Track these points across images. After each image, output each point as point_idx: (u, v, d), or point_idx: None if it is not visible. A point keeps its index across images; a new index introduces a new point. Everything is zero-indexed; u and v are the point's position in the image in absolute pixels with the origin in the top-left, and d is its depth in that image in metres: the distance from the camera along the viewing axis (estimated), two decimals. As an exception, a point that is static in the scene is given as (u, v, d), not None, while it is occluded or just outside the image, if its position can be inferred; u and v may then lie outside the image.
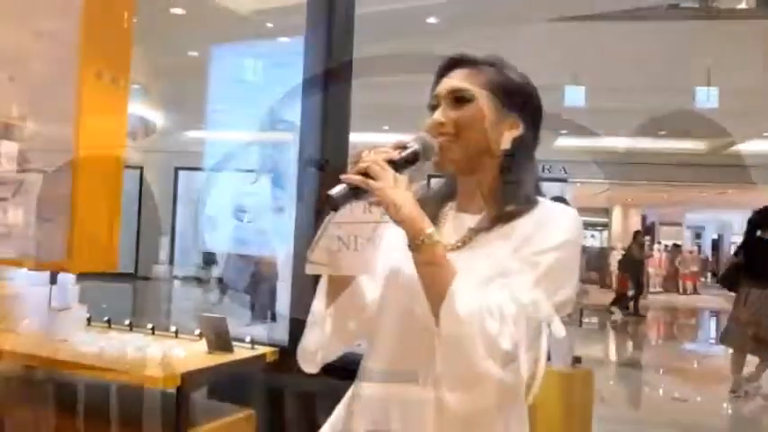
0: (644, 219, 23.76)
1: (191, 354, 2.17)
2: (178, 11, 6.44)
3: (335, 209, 1.02)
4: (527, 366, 0.97)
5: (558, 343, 4.44)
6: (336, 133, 2.51)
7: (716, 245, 25.04)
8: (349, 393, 1.22)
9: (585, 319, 10.65)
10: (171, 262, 9.95)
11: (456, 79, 1.14)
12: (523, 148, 1.14)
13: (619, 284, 13.80)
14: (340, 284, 1.14)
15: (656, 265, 19.63)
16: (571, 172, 14.95)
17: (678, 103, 9.39)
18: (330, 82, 2.46)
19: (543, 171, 14.85)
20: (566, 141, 13.61)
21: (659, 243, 21.73)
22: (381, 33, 6.67)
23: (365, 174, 1.00)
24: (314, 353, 1.15)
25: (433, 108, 1.15)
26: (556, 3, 6.00)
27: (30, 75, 1.76)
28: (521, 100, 1.14)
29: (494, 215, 1.10)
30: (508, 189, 1.11)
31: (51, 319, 2.28)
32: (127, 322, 2.52)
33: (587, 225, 24.10)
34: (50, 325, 2.28)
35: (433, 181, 1.29)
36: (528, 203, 1.10)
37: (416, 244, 0.99)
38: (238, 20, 6.12)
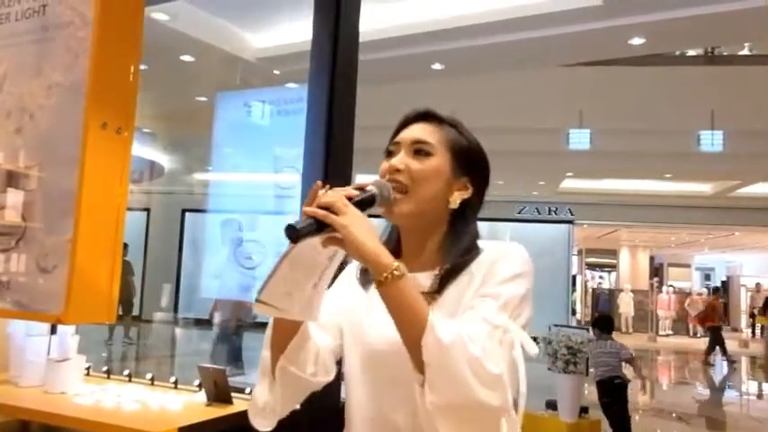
0: (652, 260, 23.62)
1: (188, 406, 2.13)
2: (188, 58, 6.57)
3: (295, 241, 0.97)
4: (510, 389, 0.95)
5: (564, 393, 4.37)
6: (339, 177, 2.51)
7: (725, 286, 24.78)
8: None
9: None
10: (176, 306, 9.88)
11: (419, 131, 1.16)
12: (470, 210, 1.17)
13: None
14: (286, 331, 1.10)
15: (665, 308, 19.41)
16: (577, 214, 14.97)
17: (683, 146, 9.44)
18: (333, 127, 2.47)
19: (549, 213, 14.95)
20: (572, 183, 13.63)
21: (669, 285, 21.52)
22: (387, 78, 6.78)
23: (327, 209, 0.98)
24: (263, 408, 1.11)
25: (390, 153, 1.17)
26: (560, 49, 6.06)
27: (37, 126, 1.78)
28: (474, 165, 1.18)
29: (447, 269, 1.11)
30: (454, 246, 1.13)
31: (49, 371, 2.25)
32: (126, 373, 2.49)
33: (595, 266, 23.94)
34: (48, 377, 2.25)
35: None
36: (476, 250, 1.13)
37: (384, 279, 0.96)
38: (246, 67, 6.23)
